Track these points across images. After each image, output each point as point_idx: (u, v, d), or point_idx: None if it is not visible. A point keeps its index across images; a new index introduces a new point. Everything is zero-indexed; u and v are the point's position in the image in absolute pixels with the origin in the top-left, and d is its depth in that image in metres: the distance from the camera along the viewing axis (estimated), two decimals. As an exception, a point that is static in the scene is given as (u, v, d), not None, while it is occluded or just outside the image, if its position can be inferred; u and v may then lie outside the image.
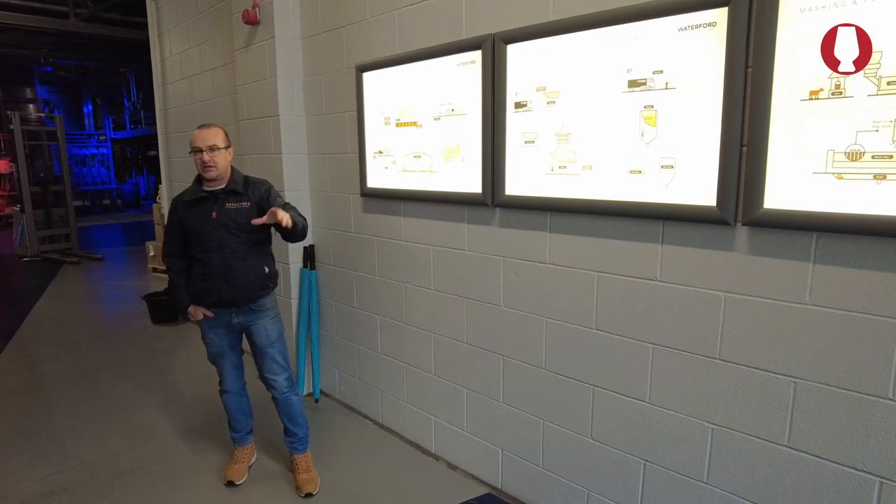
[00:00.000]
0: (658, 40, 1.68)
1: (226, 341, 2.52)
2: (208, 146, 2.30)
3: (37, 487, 2.58)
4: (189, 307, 2.46)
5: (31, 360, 4.25)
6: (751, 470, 1.66)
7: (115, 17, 9.59)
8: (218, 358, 2.56)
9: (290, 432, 2.61)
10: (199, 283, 2.41)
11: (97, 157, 18.21)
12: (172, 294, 2.55)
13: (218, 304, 2.42)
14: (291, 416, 2.59)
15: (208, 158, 2.30)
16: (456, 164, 2.36)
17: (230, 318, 2.47)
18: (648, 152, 1.74)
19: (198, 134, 2.33)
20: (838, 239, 1.43)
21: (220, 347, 2.53)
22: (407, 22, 2.52)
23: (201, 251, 2.39)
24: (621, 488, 2.01)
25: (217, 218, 2.35)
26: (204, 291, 2.41)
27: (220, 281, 2.37)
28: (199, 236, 2.38)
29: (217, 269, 2.36)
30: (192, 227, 2.39)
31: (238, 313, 2.46)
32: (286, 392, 2.56)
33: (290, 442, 2.63)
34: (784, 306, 1.54)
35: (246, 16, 3.17)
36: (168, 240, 2.51)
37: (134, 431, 3.10)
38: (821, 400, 1.51)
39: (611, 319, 1.95)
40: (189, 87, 4.61)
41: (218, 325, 2.49)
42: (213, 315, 2.46)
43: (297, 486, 2.55)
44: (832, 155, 1.39)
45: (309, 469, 2.60)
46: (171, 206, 2.50)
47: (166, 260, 2.52)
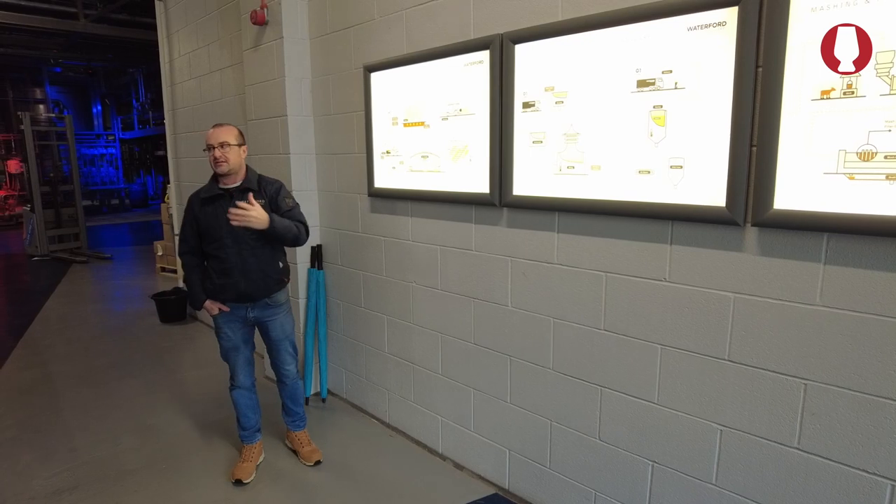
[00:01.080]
0: (667, 40, 1.67)
1: (240, 336, 2.59)
2: (219, 143, 2.39)
3: (47, 484, 2.61)
4: (206, 302, 2.51)
5: (41, 359, 4.29)
6: (760, 472, 1.65)
7: (123, 18, 9.66)
8: (232, 353, 2.59)
9: (292, 412, 2.80)
10: (217, 279, 2.46)
11: (106, 157, 18.34)
12: (187, 290, 2.58)
13: (236, 298, 2.49)
14: (295, 398, 2.79)
15: (219, 154, 2.38)
16: (463, 164, 2.36)
17: (246, 313, 2.54)
18: (657, 152, 1.73)
19: (211, 132, 2.41)
20: (850, 240, 1.42)
21: (234, 342, 2.58)
22: (415, 22, 2.52)
23: (218, 247, 2.44)
24: (629, 489, 2.00)
25: None
26: (221, 287, 2.46)
27: (238, 276, 2.44)
28: (214, 233, 2.43)
29: (234, 265, 2.43)
30: (208, 224, 2.44)
31: (253, 307, 2.54)
32: (296, 379, 2.76)
33: (292, 421, 2.82)
34: (794, 307, 1.53)
35: (254, 16, 3.19)
36: (183, 237, 2.55)
37: (143, 429, 3.12)
38: (831, 402, 1.50)
39: (619, 320, 1.94)
40: (197, 88, 4.63)
41: (233, 319, 2.55)
42: (229, 310, 2.52)
43: (303, 458, 2.75)
44: (844, 155, 1.38)
45: (310, 442, 2.83)
46: (188, 204, 2.54)
47: (182, 257, 2.57)
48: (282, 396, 2.79)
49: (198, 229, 2.49)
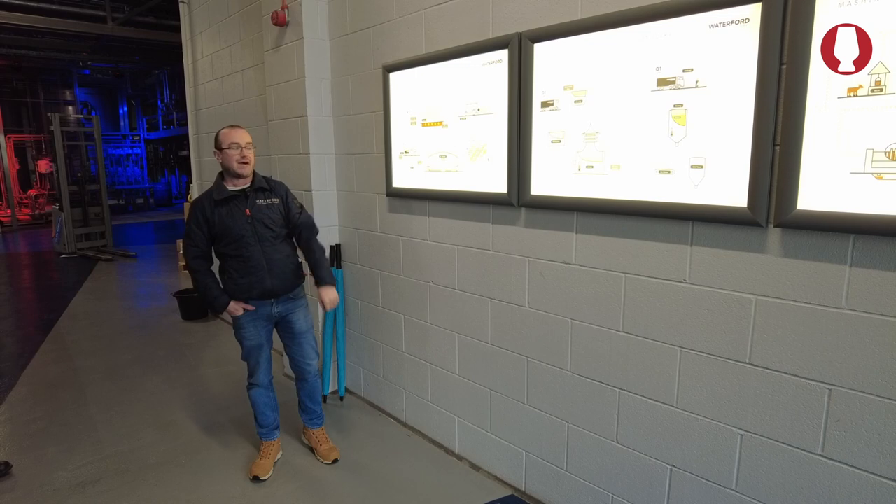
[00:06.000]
0: (688, 38, 1.64)
1: (263, 334, 2.62)
2: (247, 143, 2.46)
3: (72, 477, 2.67)
4: (230, 303, 2.51)
5: (68, 353, 4.39)
6: (782, 478, 1.62)
7: (149, 21, 9.86)
8: (255, 351, 2.62)
9: (310, 410, 2.82)
10: (240, 279, 2.48)
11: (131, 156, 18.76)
12: (204, 294, 2.52)
13: (261, 295, 2.51)
14: (314, 396, 2.81)
15: (248, 154, 2.45)
16: (482, 163, 2.36)
17: (270, 309, 2.58)
18: (678, 152, 1.71)
19: (234, 132, 2.46)
20: (877, 241, 1.38)
21: (258, 340, 2.60)
22: (434, 22, 2.52)
23: (238, 247, 2.46)
24: (646, 494, 1.98)
25: (252, 214, 2.46)
26: (246, 286, 2.48)
27: (264, 273, 2.47)
28: (233, 233, 2.45)
29: (259, 262, 2.46)
30: (225, 225, 2.45)
31: (277, 303, 2.58)
32: (316, 376, 2.78)
33: (310, 418, 2.83)
34: (818, 310, 1.50)
35: (275, 17, 3.22)
36: (193, 242, 2.49)
37: (164, 425, 3.18)
38: (857, 408, 1.46)
39: (638, 322, 1.92)
40: (220, 88, 4.70)
41: (258, 317, 2.57)
42: (254, 308, 2.54)
43: (321, 456, 2.77)
44: (871, 154, 1.34)
45: (328, 440, 2.84)
46: (195, 209, 2.49)
47: (192, 262, 2.51)
48: (300, 394, 2.81)
49: (209, 232, 2.48)
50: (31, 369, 4.07)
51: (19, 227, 13.33)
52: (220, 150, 2.47)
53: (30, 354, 4.37)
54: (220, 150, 2.48)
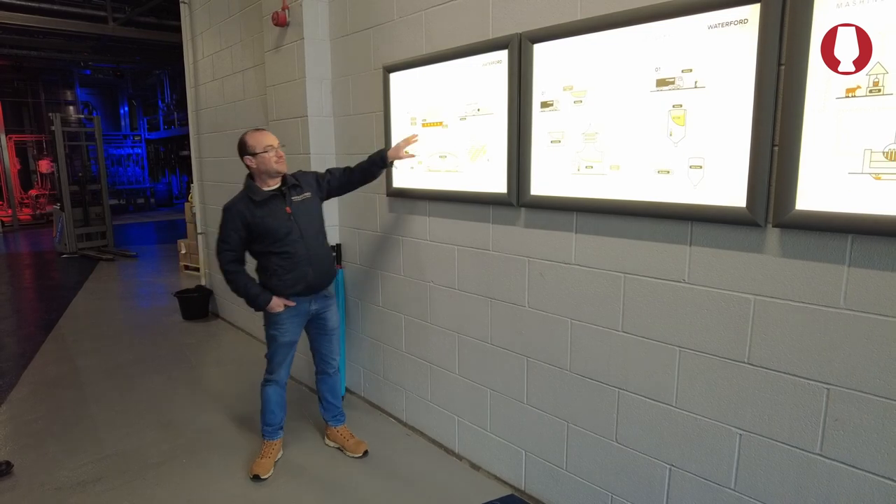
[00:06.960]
0: (687, 38, 1.65)
1: (299, 331, 2.68)
2: (280, 144, 2.53)
3: (73, 476, 2.67)
4: (272, 300, 2.53)
5: (69, 353, 4.40)
6: (780, 478, 1.62)
7: (150, 21, 9.87)
8: (286, 348, 2.66)
9: (332, 407, 2.89)
10: (285, 275, 2.52)
11: (132, 157, 18.77)
12: (245, 293, 2.52)
13: (306, 290, 2.58)
14: (335, 392, 2.89)
15: (283, 154, 2.53)
16: (481, 163, 2.36)
17: (309, 305, 2.65)
18: (677, 152, 1.71)
19: (265, 135, 2.50)
20: (875, 241, 1.38)
21: (294, 336, 2.67)
22: (434, 22, 2.53)
23: (283, 244, 2.50)
24: (646, 493, 1.98)
25: (292, 212, 2.52)
26: (291, 281, 2.53)
27: (306, 266, 2.54)
28: (276, 232, 2.49)
29: (304, 257, 2.53)
30: (268, 225, 2.48)
31: (315, 299, 2.65)
32: (338, 371, 2.88)
33: (333, 416, 2.90)
34: (816, 310, 1.50)
35: (275, 17, 3.23)
36: (229, 246, 2.49)
37: (165, 424, 3.18)
38: (855, 407, 1.46)
39: (637, 322, 1.92)
40: (220, 89, 4.71)
41: (298, 313, 2.63)
42: (295, 304, 2.59)
43: (350, 451, 2.82)
44: (870, 154, 1.35)
45: (353, 435, 2.90)
46: (233, 213, 2.48)
47: (229, 265, 2.50)
48: (322, 391, 2.86)
49: (247, 236, 2.49)
50: (33, 369, 4.08)
51: (20, 226, 13.35)
52: (255, 154, 2.46)
53: (31, 354, 4.38)
54: (253, 156, 2.46)
